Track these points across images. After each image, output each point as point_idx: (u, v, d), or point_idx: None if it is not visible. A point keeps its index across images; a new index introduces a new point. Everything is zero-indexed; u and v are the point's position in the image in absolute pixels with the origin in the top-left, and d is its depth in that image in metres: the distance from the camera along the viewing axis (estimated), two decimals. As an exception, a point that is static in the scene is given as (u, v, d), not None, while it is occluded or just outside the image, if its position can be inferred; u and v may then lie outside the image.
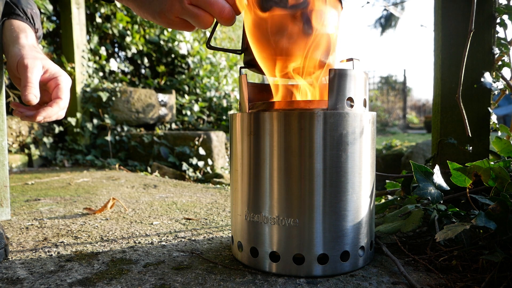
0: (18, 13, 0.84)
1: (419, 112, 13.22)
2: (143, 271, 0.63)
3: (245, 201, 0.63)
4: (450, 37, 0.97)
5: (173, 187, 1.55)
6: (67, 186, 1.58)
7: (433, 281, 0.57)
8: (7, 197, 0.96)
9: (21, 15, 0.84)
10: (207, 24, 0.61)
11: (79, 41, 2.72)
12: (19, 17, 0.84)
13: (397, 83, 11.94)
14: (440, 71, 0.99)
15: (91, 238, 0.83)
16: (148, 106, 2.92)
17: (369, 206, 0.63)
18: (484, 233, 0.65)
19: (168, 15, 0.62)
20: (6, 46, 0.81)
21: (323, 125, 0.57)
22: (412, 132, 8.66)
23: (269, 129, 0.59)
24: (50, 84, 0.80)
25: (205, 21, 0.61)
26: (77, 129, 2.62)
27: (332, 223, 0.58)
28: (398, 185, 0.99)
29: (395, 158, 3.33)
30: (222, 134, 2.72)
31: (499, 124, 0.94)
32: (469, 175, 0.69)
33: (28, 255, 0.72)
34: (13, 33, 0.81)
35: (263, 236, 0.60)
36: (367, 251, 0.63)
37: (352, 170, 0.59)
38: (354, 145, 0.59)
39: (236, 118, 0.64)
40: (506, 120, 7.32)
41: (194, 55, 3.55)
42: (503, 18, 0.93)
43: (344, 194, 0.58)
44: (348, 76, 0.58)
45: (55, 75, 0.80)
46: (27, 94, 0.73)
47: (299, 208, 0.58)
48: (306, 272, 0.59)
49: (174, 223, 0.95)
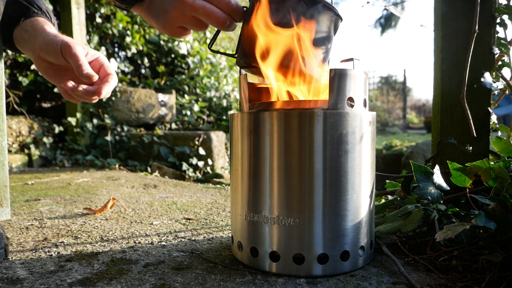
0: (34, 10, 0.84)
1: (419, 112, 13.22)
2: (143, 271, 0.63)
3: (245, 201, 0.63)
4: (450, 37, 0.97)
5: (173, 187, 1.55)
6: (67, 186, 1.58)
7: (433, 281, 0.57)
8: (7, 197, 0.96)
9: (37, 12, 0.84)
10: (219, 20, 0.66)
11: (79, 41, 2.70)
12: (36, 14, 0.84)
13: (397, 83, 11.94)
14: (440, 71, 0.99)
15: (91, 238, 0.83)
16: (148, 106, 2.92)
17: (369, 206, 0.63)
18: (484, 233, 0.65)
19: (172, 24, 0.68)
20: (33, 39, 0.80)
21: (323, 124, 0.57)
22: (412, 132, 8.66)
23: (269, 128, 0.59)
24: (93, 64, 0.81)
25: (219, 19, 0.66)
26: (77, 129, 2.62)
27: (332, 222, 0.58)
28: (398, 185, 0.99)
29: (395, 158, 3.34)
30: (222, 134, 2.72)
31: (499, 124, 0.94)
32: (469, 175, 0.69)
33: (28, 255, 0.72)
34: (37, 26, 0.81)
35: (263, 235, 0.60)
36: (367, 251, 0.63)
37: (352, 170, 0.59)
38: (354, 145, 0.59)
39: (236, 118, 0.64)
40: (506, 120, 7.32)
41: (194, 55, 3.55)
42: (503, 18, 0.93)
43: (344, 194, 0.58)
44: (348, 76, 0.58)
45: (95, 55, 0.82)
46: (86, 70, 0.75)
47: (299, 207, 0.58)
48: (306, 272, 0.59)
49: (174, 223, 0.95)
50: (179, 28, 0.70)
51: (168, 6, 0.66)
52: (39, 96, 2.88)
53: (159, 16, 0.68)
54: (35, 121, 2.53)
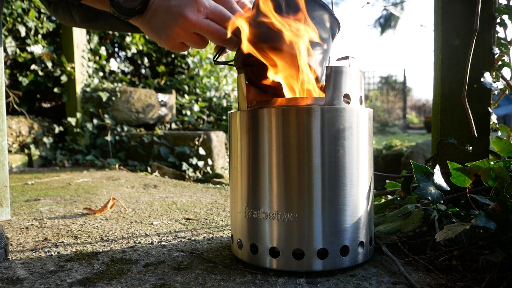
0: None
1: (419, 112, 13.21)
2: (143, 271, 0.63)
3: (244, 198, 0.63)
4: (450, 37, 0.97)
5: (173, 187, 1.55)
6: (67, 186, 1.58)
7: (433, 281, 0.57)
8: (7, 197, 0.96)
9: None
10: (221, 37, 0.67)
11: (79, 41, 2.72)
12: None
13: (397, 83, 11.94)
14: (440, 71, 0.99)
15: (91, 238, 0.83)
16: (148, 106, 2.92)
17: (368, 201, 0.63)
18: (484, 233, 0.65)
19: (174, 40, 0.68)
20: None
21: (320, 120, 0.58)
22: (412, 132, 8.66)
23: (267, 125, 0.59)
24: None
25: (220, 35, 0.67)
26: (77, 129, 2.62)
27: (331, 217, 0.58)
28: (398, 185, 0.99)
29: (395, 158, 3.33)
30: (222, 134, 2.72)
31: (499, 124, 0.94)
32: (469, 175, 0.69)
33: (28, 255, 0.72)
34: None
35: (263, 232, 0.61)
36: (367, 247, 0.63)
37: (350, 165, 0.59)
38: (352, 140, 0.59)
39: (235, 116, 0.64)
40: (506, 120, 7.33)
41: (194, 55, 3.55)
42: (503, 18, 0.93)
43: (342, 188, 0.59)
44: (344, 73, 0.59)
45: None
46: None
47: (298, 202, 0.58)
48: (306, 267, 0.59)
49: (174, 223, 0.95)
50: (180, 44, 0.69)
51: (171, 22, 0.65)
52: (39, 96, 2.88)
53: (161, 31, 0.67)
54: (35, 121, 2.53)
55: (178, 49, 0.71)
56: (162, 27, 0.67)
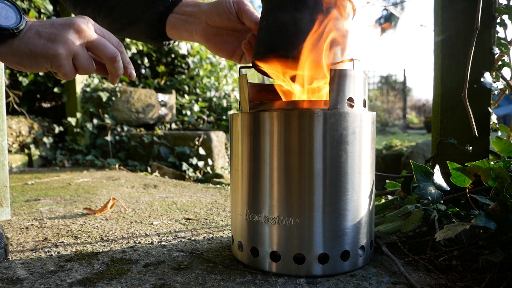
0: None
1: (419, 112, 13.21)
2: (143, 271, 0.63)
3: (245, 201, 0.63)
4: (450, 37, 0.97)
5: (173, 187, 1.55)
6: (67, 186, 1.58)
7: (433, 281, 0.57)
8: (7, 197, 0.96)
9: None
10: None
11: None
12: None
13: (397, 83, 11.94)
14: (440, 71, 0.99)
15: (91, 238, 0.83)
16: (148, 106, 2.92)
17: (369, 206, 0.63)
18: (484, 233, 0.65)
19: None
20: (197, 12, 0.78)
21: (323, 124, 0.57)
22: (412, 132, 8.66)
23: (269, 129, 0.59)
24: None
25: None
26: (77, 129, 2.62)
27: (332, 222, 0.58)
28: (398, 185, 0.99)
29: (395, 158, 3.33)
30: (222, 134, 2.72)
31: (499, 124, 0.94)
32: (469, 175, 0.69)
33: (28, 255, 0.72)
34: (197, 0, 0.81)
35: (264, 235, 0.60)
36: (367, 250, 0.63)
37: (352, 170, 0.59)
38: (354, 145, 0.59)
39: (236, 118, 0.64)
40: (506, 120, 7.33)
41: (194, 55, 3.55)
42: (503, 18, 0.93)
43: (344, 194, 0.58)
44: (348, 77, 0.58)
45: None
46: None
47: (299, 207, 0.58)
48: (306, 271, 0.59)
49: (174, 223, 0.95)
50: (70, 62, 0.58)
51: (63, 31, 0.57)
52: (39, 96, 2.88)
53: (52, 42, 0.56)
54: (35, 121, 2.53)
55: (69, 69, 0.58)
56: (53, 38, 0.56)
